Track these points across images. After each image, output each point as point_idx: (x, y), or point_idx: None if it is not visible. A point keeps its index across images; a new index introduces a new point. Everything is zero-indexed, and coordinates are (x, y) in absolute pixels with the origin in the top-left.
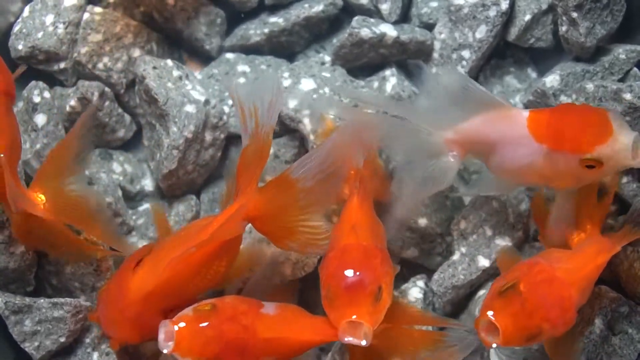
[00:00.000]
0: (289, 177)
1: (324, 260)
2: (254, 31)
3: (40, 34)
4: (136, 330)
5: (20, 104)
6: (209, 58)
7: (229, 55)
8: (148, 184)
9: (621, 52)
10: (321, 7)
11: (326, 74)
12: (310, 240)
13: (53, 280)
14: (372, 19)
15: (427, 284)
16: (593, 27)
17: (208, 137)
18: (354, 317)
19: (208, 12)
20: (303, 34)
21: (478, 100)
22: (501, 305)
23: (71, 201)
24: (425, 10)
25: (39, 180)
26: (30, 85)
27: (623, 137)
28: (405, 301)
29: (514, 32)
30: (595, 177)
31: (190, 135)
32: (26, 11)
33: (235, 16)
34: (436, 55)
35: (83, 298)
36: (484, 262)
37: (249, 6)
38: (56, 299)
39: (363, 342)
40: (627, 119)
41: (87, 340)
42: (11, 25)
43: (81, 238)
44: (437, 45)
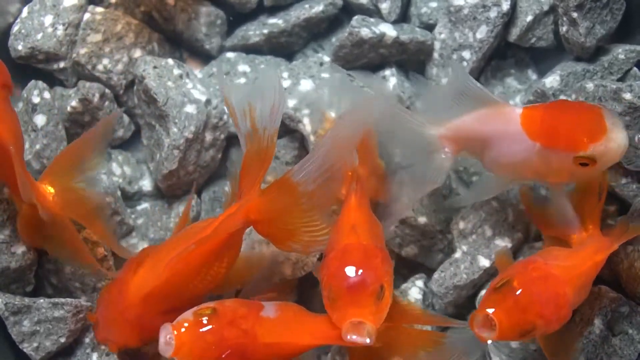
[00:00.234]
0: (290, 181)
1: (324, 260)
2: (254, 32)
3: (39, 35)
4: (136, 332)
5: (20, 105)
6: (210, 58)
7: (230, 54)
8: (146, 184)
9: (620, 52)
10: (321, 8)
11: (325, 75)
12: (312, 240)
13: (53, 279)
14: (372, 19)
15: (427, 284)
16: (593, 27)
17: (208, 137)
18: (358, 319)
19: (208, 13)
20: (302, 35)
21: (474, 96)
22: (496, 300)
23: (79, 198)
24: (424, 10)
25: (50, 173)
26: (29, 85)
27: (616, 135)
28: (404, 300)
29: (515, 33)
30: (588, 175)
31: (190, 135)
32: (25, 12)
33: (235, 17)
34: (436, 55)
35: (84, 298)
36: (484, 262)
37: (249, 7)
38: (56, 299)
39: (367, 341)
40: (627, 119)
41: (87, 340)
42: (10, 25)
43: (82, 241)
44: (437, 45)
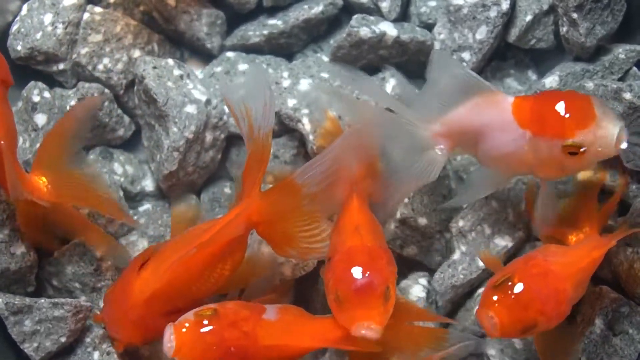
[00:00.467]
0: (294, 183)
1: (329, 264)
2: (253, 32)
3: (39, 35)
4: (140, 331)
5: (19, 104)
6: (210, 57)
7: (230, 53)
8: (149, 185)
9: (621, 52)
10: (321, 8)
11: (325, 75)
12: (310, 246)
13: (53, 280)
14: (372, 17)
15: (430, 282)
16: (593, 28)
17: (208, 138)
18: (367, 321)
19: (209, 14)
20: (302, 36)
21: (464, 84)
22: (497, 297)
23: (74, 180)
24: (424, 9)
25: (39, 163)
26: (29, 85)
27: (606, 123)
28: (403, 298)
29: (515, 33)
30: (578, 166)
31: (191, 135)
32: (24, 9)
33: (235, 17)
34: None
35: (84, 298)
36: None
37: (248, 7)
38: (56, 299)
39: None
40: (627, 119)
41: (88, 339)
42: (9, 24)
43: (87, 218)
44: (437, 45)
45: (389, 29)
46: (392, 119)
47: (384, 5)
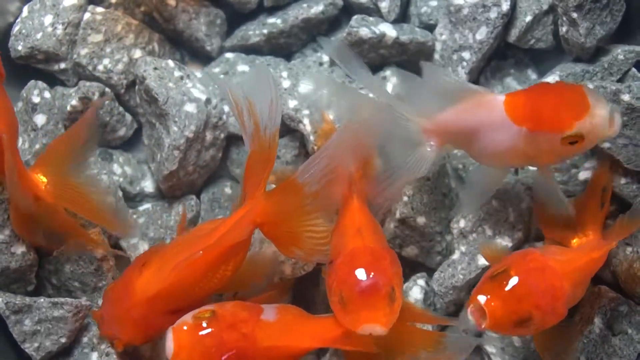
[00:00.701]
0: (296, 182)
1: (332, 266)
2: (253, 32)
3: (39, 35)
4: (140, 331)
5: (19, 104)
6: (210, 59)
7: (229, 54)
8: (148, 185)
9: (620, 53)
10: (321, 8)
11: (324, 75)
12: (315, 246)
13: (53, 279)
14: (372, 18)
15: (428, 284)
16: (593, 28)
17: (209, 137)
18: (372, 323)
19: (208, 13)
20: (301, 36)
21: (454, 91)
22: (490, 289)
23: (73, 187)
24: (424, 9)
25: (42, 162)
26: (29, 85)
27: (599, 110)
28: (404, 299)
29: (515, 34)
30: (577, 152)
31: (191, 135)
32: (25, 11)
33: (235, 17)
34: (437, 56)
35: (84, 298)
36: (484, 261)
37: (249, 7)
38: (56, 299)
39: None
40: (625, 119)
41: (86, 340)
42: (10, 25)
43: (75, 221)
44: (438, 46)
45: (389, 30)
46: (389, 113)
47: (384, 5)
